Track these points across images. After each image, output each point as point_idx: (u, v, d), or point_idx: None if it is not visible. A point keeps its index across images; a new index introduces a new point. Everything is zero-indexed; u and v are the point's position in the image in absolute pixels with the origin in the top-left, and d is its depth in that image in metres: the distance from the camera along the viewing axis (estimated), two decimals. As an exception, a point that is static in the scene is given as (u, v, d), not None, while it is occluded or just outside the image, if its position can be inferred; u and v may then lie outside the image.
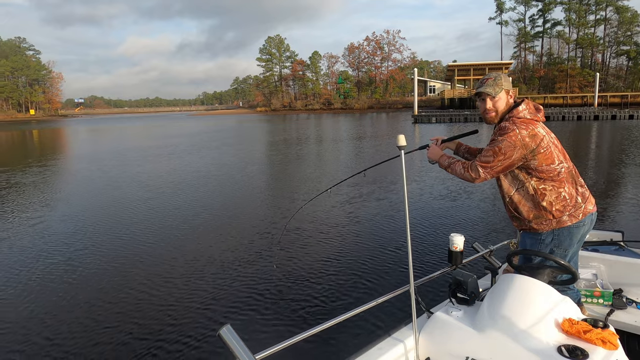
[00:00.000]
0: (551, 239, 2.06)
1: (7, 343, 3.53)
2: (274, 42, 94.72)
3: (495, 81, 2.08)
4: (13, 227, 7.13)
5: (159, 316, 3.85)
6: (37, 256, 5.57)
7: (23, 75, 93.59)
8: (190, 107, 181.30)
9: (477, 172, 2.03)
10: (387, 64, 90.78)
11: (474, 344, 1.60)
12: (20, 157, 20.15)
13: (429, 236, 5.92)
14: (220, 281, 4.57)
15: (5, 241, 6.33)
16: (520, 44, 75.22)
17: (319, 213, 7.30)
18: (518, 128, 1.95)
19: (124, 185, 11.05)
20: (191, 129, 41.24)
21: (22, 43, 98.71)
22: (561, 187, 2.00)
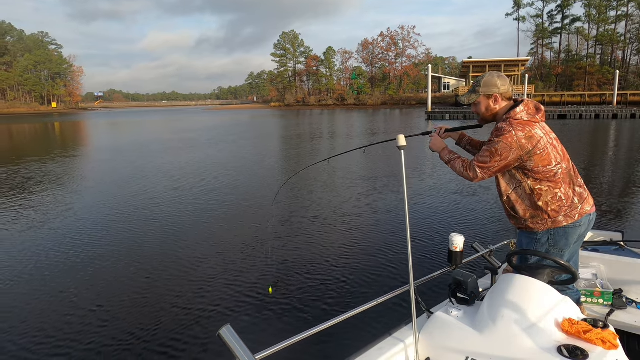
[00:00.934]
0: (547, 239, 2.06)
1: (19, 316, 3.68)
2: (289, 37, 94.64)
3: (474, 88, 2.13)
4: (50, 212, 7.61)
5: (158, 315, 3.81)
6: (59, 241, 5.76)
7: (46, 69, 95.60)
8: (205, 102, 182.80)
9: (474, 172, 2.05)
10: (401, 60, 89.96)
11: (474, 344, 1.60)
12: (47, 148, 20.73)
13: (429, 236, 5.86)
14: (221, 280, 4.52)
15: (44, 225, 6.73)
16: (537, 40, 73.67)
17: (319, 213, 7.21)
18: (514, 130, 1.95)
19: (149, 175, 11.43)
20: (208, 122, 41.70)
21: (45, 37, 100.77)
22: (557, 188, 1.99)
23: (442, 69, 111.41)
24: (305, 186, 9.73)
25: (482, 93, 2.10)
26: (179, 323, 3.66)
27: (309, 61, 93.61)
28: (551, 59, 74.29)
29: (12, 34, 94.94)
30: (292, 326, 3.55)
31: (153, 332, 3.54)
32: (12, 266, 5.02)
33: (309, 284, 4.39)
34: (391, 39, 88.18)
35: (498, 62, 53.02)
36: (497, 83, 2.08)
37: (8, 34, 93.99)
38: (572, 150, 15.53)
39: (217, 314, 3.81)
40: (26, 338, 3.52)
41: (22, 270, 4.90)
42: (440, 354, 1.68)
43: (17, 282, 4.58)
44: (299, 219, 6.81)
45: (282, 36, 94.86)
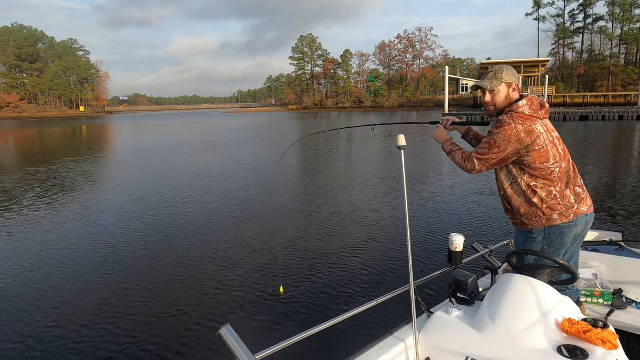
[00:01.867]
0: (542, 237, 2.04)
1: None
2: (307, 41, 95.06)
3: (495, 75, 2.07)
4: (87, 206, 8.29)
5: (158, 315, 3.80)
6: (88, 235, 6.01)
7: (74, 75, 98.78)
8: (225, 105, 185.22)
9: (472, 164, 2.05)
10: (418, 62, 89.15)
11: (474, 344, 1.59)
12: (79, 149, 21.68)
13: (429, 236, 5.81)
14: (222, 280, 4.51)
15: (81, 219, 7.22)
16: (558, 40, 71.82)
17: (319, 212, 7.18)
18: (515, 122, 1.94)
19: (177, 175, 11.96)
20: (228, 125, 42.41)
21: (74, 44, 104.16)
22: (552, 186, 1.97)
23: (461, 70, 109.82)
24: (307, 186, 9.81)
25: (504, 81, 2.06)
26: (179, 323, 3.64)
27: (326, 64, 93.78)
28: (573, 59, 72.30)
29: (43, 41, 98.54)
30: (292, 326, 3.52)
31: (153, 331, 3.52)
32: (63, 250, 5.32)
33: (309, 284, 4.37)
34: (408, 40, 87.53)
35: (517, 62, 51.85)
36: (515, 74, 2.11)
37: (40, 41, 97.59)
38: (590, 151, 15.11)
39: (217, 314, 3.78)
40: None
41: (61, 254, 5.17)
42: (440, 354, 1.67)
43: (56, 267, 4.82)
44: (300, 220, 6.80)
45: (300, 40, 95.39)
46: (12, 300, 4.24)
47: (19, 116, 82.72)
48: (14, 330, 3.66)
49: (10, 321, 3.82)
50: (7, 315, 3.92)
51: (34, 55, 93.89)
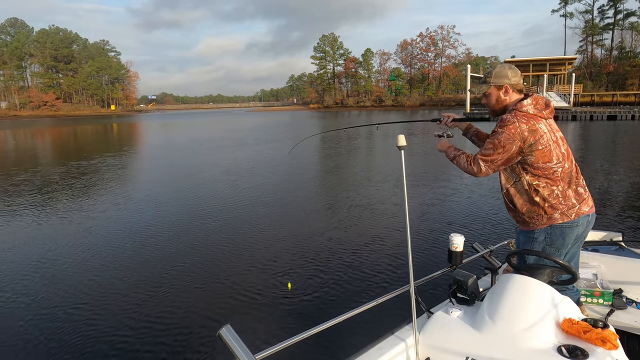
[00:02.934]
0: (544, 237, 2.02)
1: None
2: (328, 40, 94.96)
3: (485, 79, 2.12)
4: (128, 197, 8.89)
5: (159, 314, 3.77)
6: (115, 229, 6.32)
7: (106, 74, 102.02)
8: (249, 104, 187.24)
9: (478, 166, 2.01)
10: (440, 61, 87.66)
11: (474, 344, 1.57)
12: (112, 146, 22.67)
13: (429, 236, 5.75)
14: (222, 280, 4.48)
15: (121, 208, 7.62)
16: (587, 37, 69.15)
17: (319, 212, 7.14)
18: (518, 121, 1.92)
19: (203, 170, 12.41)
20: (252, 123, 43.07)
21: (106, 45, 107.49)
22: (555, 185, 1.96)
23: (484, 68, 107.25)
24: (314, 185, 9.82)
25: (492, 84, 2.08)
26: (178, 322, 3.62)
27: (347, 63, 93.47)
28: (602, 56, 69.49)
29: (77, 43, 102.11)
30: (292, 326, 3.49)
31: (152, 331, 3.51)
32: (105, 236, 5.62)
33: (309, 284, 4.32)
34: (430, 39, 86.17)
35: (542, 60, 50.19)
36: (508, 74, 2.06)
37: (74, 42, 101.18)
38: (612, 151, 14.57)
39: (217, 314, 3.75)
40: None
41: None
42: (440, 354, 1.65)
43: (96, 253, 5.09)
44: (300, 220, 6.76)
45: (321, 39, 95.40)
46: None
47: (54, 114, 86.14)
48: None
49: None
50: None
51: (68, 56, 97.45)
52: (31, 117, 78.29)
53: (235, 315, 3.71)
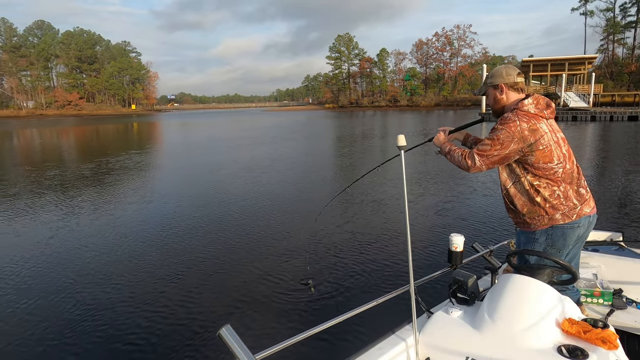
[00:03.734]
0: (544, 238, 2.00)
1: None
2: (343, 40, 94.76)
3: (485, 80, 2.14)
4: (153, 192, 9.22)
5: (159, 313, 3.75)
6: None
7: (127, 75, 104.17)
8: (265, 104, 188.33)
9: (473, 160, 1.97)
10: (456, 60, 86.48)
11: (474, 344, 1.57)
12: (134, 144, 23.36)
13: (429, 236, 5.71)
14: (223, 280, 4.45)
15: (151, 202, 7.78)
16: (608, 36, 67.17)
17: (317, 212, 6.96)
18: (519, 120, 1.90)
19: (227, 166, 12.91)
20: (268, 123, 43.46)
21: (127, 46, 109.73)
22: (556, 186, 1.93)
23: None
24: (311, 184, 9.80)
25: (489, 84, 2.09)
26: (178, 323, 3.59)
27: (362, 63, 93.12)
28: (623, 55, 67.36)
29: (100, 44, 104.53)
30: (292, 326, 3.46)
31: (152, 330, 3.48)
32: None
33: (308, 284, 4.26)
34: (446, 38, 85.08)
35: (561, 60, 49.00)
36: (503, 73, 2.05)
37: (97, 44, 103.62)
38: (633, 153, 14.16)
39: (217, 314, 3.72)
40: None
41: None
42: (440, 354, 1.64)
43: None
44: (300, 220, 6.72)
45: (337, 39, 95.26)
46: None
47: (78, 113, 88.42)
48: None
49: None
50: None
51: (92, 57, 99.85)
52: (56, 116, 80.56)
53: (235, 315, 3.68)
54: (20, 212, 7.81)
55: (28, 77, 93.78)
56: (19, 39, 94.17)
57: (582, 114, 32.79)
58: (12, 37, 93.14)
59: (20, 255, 5.36)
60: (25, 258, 5.29)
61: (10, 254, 5.45)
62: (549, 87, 47.53)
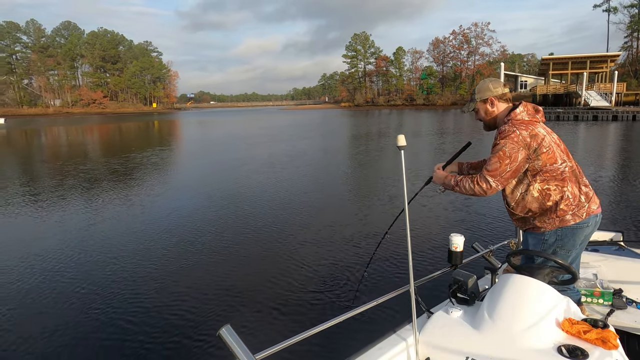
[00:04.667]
0: (554, 239, 1.97)
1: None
2: (360, 38, 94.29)
3: (472, 96, 2.16)
4: (177, 186, 9.52)
5: (159, 313, 3.72)
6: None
7: (148, 74, 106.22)
8: (281, 102, 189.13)
9: (487, 183, 1.92)
10: (474, 59, 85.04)
11: (474, 344, 1.56)
12: (157, 141, 23.93)
13: (429, 236, 5.66)
14: (223, 279, 4.42)
15: (181, 197, 8.12)
16: (632, 32, 64.88)
17: (318, 212, 7.02)
18: (518, 129, 1.90)
19: (250, 162, 13.39)
20: (286, 121, 43.78)
21: (149, 46, 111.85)
22: (565, 187, 1.92)
23: (520, 66, 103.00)
24: (310, 184, 9.76)
25: (478, 99, 2.11)
26: (179, 322, 3.57)
27: (378, 62, 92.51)
28: (648, 53, 64.94)
29: (123, 44, 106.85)
30: (292, 326, 3.44)
31: (152, 330, 3.46)
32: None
33: (309, 284, 4.26)
34: (464, 36, 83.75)
35: (582, 58, 47.61)
36: (490, 87, 2.08)
37: (120, 44, 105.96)
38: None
39: (217, 314, 3.70)
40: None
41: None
42: (440, 354, 1.63)
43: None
44: (300, 220, 6.63)
45: (353, 38, 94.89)
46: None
47: (102, 111, 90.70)
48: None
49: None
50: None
51: (115, 57, 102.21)
52: (81, 114, 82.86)
53: (235, 315, 3.65)
54: (64, 202, 8.30)
55: (55, 76, 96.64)
56: (47, 40, 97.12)
57: (603, 113, 31.87)
58: (41, 37, 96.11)
59: (61, 241, 5.68)
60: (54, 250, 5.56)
61: (55, 239, 5.80)
62: (569, 86, 46.31)
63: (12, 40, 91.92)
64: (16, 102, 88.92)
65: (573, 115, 32.37)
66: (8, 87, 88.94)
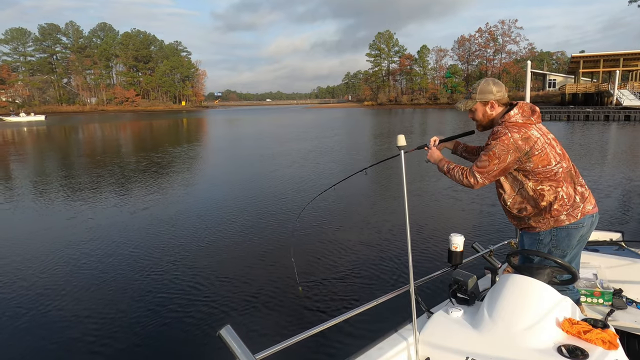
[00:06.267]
0: (549, 239, 1.98)
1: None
2: (384, 37, 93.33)
3: (470, 95, 2.12)
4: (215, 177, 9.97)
5: (159, 313, 3.70)
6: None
7: (178, 73, 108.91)
8: (305, 101, 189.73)
9: (475, 178, 1.98)
10: (500, 57, 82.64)
11: (474, 344, 1.55)
12: (188, 138, 25.03)
13: (429, 236, 5.62)
14: (223, 279, 4.38)
15: (211, 189, 8.62)
16: (670, 30, 61.20)
17: (318, 213, 6.95)
18: (510, 132, 1.91)
19: (280, 158, 13.92)
20: (310, 119, 44.18)
21: (178, 46, 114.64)
22: (559, 187, 1.93)
23: (549, 64, 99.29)
24: (310, 184, 9.80)
25: (478, 100, 2.08)
26: (179, 322, 3.55)
27: (402, 60, 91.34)
28: (688, 50, 61.22)
29: (155, 44, 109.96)
30: (292, 326, 3.42)
31: (151, 330, 3.43)
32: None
33: (309, 284, 4.23)
34: (490, 34, 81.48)
35: (615, 55, 45.40)
36: (493, 89, 2.06)
37: (152, 44, 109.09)
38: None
39: (217, 314, 3.68)
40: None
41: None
42: (440, 354, 1.63)
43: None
44: (300, 221, 6.56)
45: (377, 36, 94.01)
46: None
47: (134, 109, 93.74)
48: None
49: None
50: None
51: (147, 57, 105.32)
52: (115, 112, 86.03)
53: (235, 315, 3.63)
54: (113, 191, 8.97)
55: (92, 75, 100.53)
56: (84, 40, 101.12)
57: (636, 113, 30.42)
58: (79, 38, 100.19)
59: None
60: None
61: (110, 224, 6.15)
62: (601, 85, 44.35)
63: (53, 42, 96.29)
64: (56, 100, 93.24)
65: (604, 115, 31.06)
66: (49, 86, 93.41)
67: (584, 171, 10.20)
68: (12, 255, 5.24)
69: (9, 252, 5.34)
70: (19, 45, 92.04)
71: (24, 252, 5.32)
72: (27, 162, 14.95)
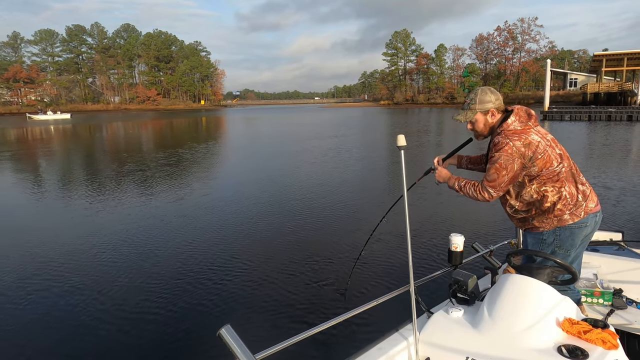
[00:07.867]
0: (553, 239, 2.00)
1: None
2: (400, 36, 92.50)
3: (469, 105, 2.10)
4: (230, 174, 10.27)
5: (158, 313, 3.67)
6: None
7: (197, 72, 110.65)
8: (322, 100, 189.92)
9: (488, 193, 2.01)
10: (519, 55, 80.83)
11: (474, 344, 1.55)
12: (208, 136, 25.54)
13: (429, 236, 5.59)
14: (223, 279, 4.35)
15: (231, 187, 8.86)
16: (700, 27, 58.60)
17: (319, 213, 6.91)
18: (511, 140, 1.93)
19: (301, 154, 14.59)
20: (327, 118, 44.34)
21: (198, 46, 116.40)
22: (562, 187, 1.95)
23: (570, 63, 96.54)
24: (309, 183, 9.74)
25: (479, 110, 2.07)
26: (179, 322, 3.52)
27: (419, 59, 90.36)
28: None
29: (175, 44, 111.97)
30: (292, 326, 3.40)
31: (151, 330, 3.41)
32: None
33: (309, 284, 4.20)
34: (509, 32, 79.77)
35: (639, 54, 43.88)
36: (492, 98, 2.05)
37: (173, 44, 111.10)
38: None
39: (217, 314, 3.65)
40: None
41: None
42: (440, 354, 1.62)
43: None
44: (300, 221, 6.51)
45: (393, 35, 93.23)
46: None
47: (155, 108, 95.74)
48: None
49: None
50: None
51: (168, 57, 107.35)
52: (137, 111, 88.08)
53: (235, 316, 3.61)
54: (142, 185, 9.41)
55: (115, 74, 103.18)
56: (108, 41, 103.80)
57: (661, 113, 29.36)
58: (103, 39, 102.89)
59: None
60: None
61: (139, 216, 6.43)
62: (625, 84, 42.93)
63: (79, 42, 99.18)
64: (81, 99, 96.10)
65: (627, 115, 30.09)
66: (75, 85, 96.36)
67: (598, 172, 10.00)
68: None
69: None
70: (47, 46, 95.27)
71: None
72: (71, 158, 15.97)
